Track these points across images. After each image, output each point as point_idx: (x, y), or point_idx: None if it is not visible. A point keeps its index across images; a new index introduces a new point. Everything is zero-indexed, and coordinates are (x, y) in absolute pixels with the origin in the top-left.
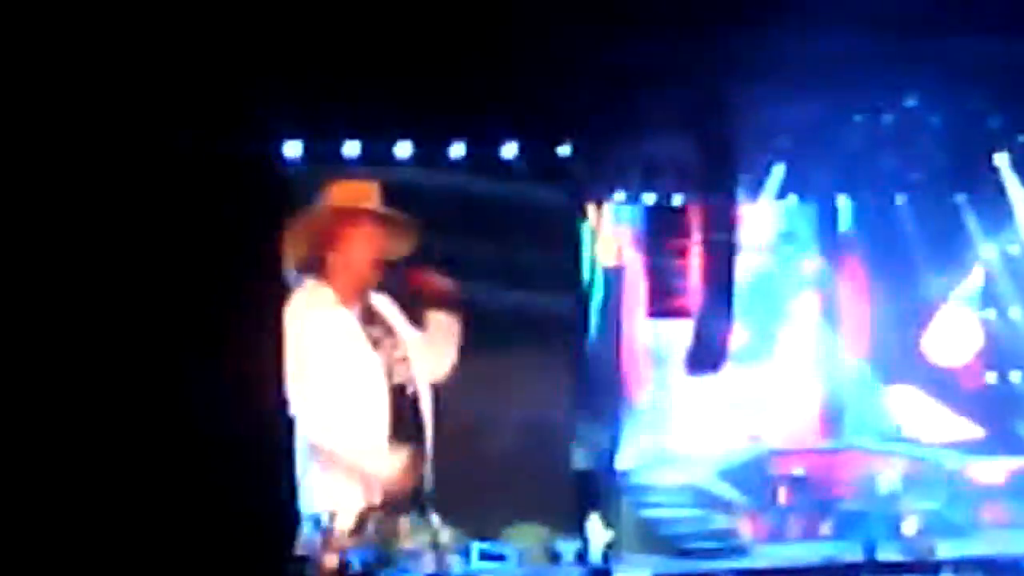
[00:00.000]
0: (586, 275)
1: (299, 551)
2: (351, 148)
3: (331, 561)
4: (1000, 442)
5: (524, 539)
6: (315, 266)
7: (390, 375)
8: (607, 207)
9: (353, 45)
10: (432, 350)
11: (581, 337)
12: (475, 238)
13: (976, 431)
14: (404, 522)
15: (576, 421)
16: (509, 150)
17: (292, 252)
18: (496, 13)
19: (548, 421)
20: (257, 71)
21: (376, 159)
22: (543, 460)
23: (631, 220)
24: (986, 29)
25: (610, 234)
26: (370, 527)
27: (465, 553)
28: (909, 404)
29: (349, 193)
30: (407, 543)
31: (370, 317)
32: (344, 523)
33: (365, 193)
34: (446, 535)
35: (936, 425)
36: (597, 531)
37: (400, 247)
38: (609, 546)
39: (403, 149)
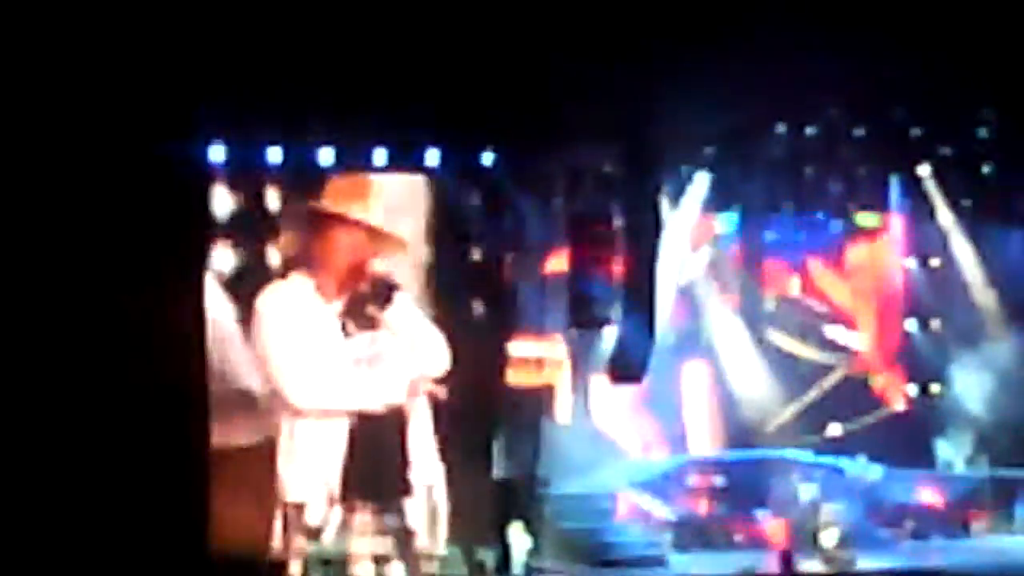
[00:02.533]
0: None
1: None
2: (274, 154)
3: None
4: (920, 456)
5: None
6: (302, 260)
7: (358, 369)
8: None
9: (279, 52)
10: (420, 347)
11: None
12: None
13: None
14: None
15: (498, 431)
16: (432, 157)
17: (281, 244)
18: (421, 20)
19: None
20: (186, 76)
21: (300, 165)
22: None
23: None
24: (908, 43)
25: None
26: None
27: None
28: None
29: (343, 194)
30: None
31: (352, 310)
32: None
33: (359, 193)
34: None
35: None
36: (518, 539)
37: (387, 254)
38: (530, 554)
39: (326, 155)
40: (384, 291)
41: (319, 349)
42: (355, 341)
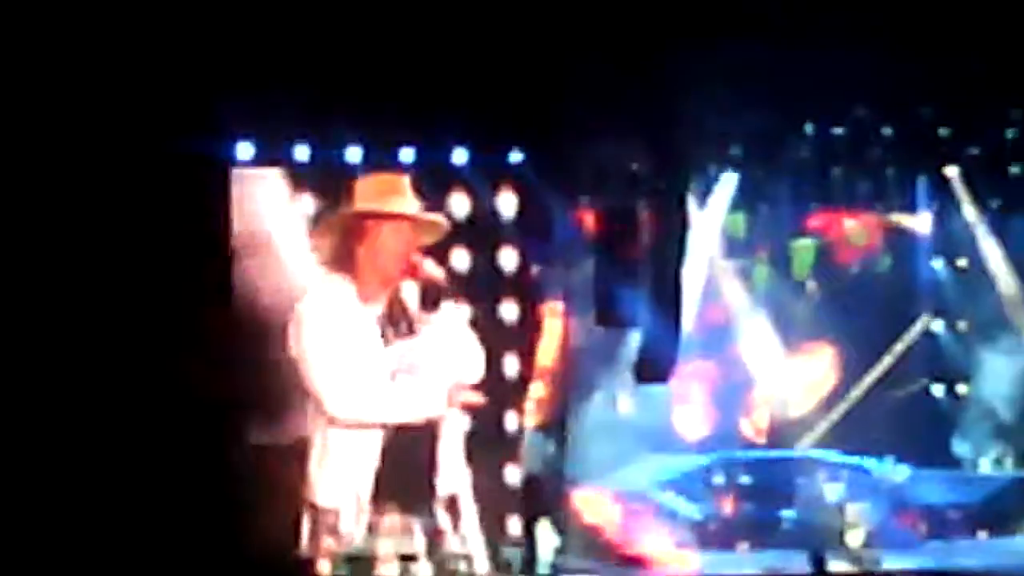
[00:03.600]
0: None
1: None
2: (301, 152)
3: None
4: (946, 456)
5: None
6: (342, 263)
7: (397, 380)
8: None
9: (307, 50)
10: (460, 355)
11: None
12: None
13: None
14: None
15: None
16: (459, 156)
17: (320, 249)
18: (449, 19)
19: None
20: (214, 74)
21: (327, 163)
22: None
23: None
24: (936, 43)
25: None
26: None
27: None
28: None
29: (378, 190)
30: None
31: (393, 315)
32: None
33: (394, 188)
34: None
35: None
36: (545, 537)
37: (427, 241)
38: (558, 552)
39: (354, 154)
40: (434, 295)
41: (359, 358)
42: (394, 349)
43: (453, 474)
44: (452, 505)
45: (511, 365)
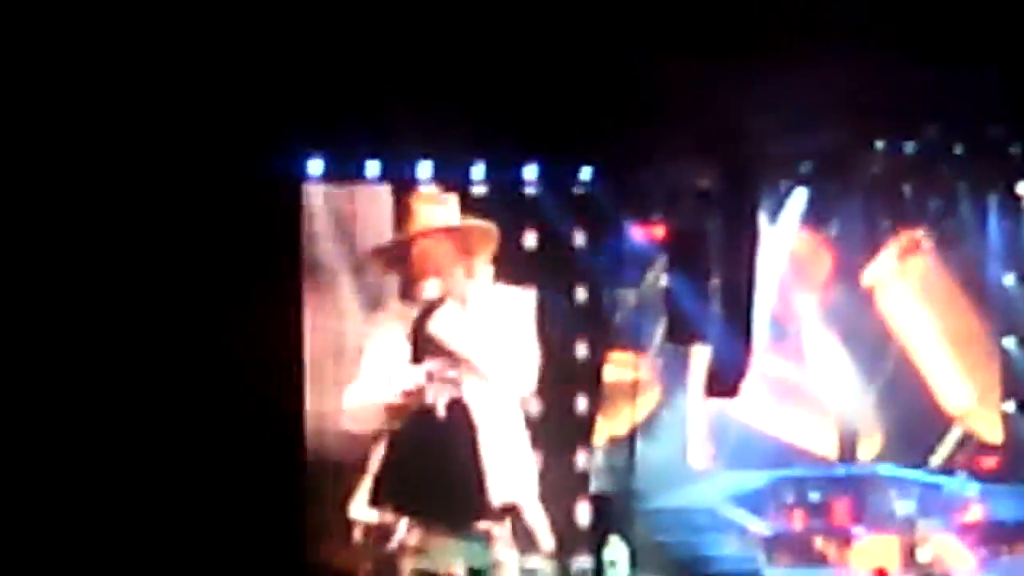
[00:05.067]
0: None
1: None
2: (372, 167)
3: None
4: (1018, 473)
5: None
6: (403, 289)
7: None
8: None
9: (377, 65)
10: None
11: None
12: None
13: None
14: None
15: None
16: (530, 171)
17: (376, 275)
18: (517, 32)
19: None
20: (282, 92)
21: (396, 178)
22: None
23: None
24: (1008, 60)
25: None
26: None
27: None
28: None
29: (420, 213)
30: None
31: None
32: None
33: (436, 201)
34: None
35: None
36: (618, 552)
37: (480, 250)
38: (632, 564)
39: (424, 169)
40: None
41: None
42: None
43: (514, 485)
44: (516, 518)
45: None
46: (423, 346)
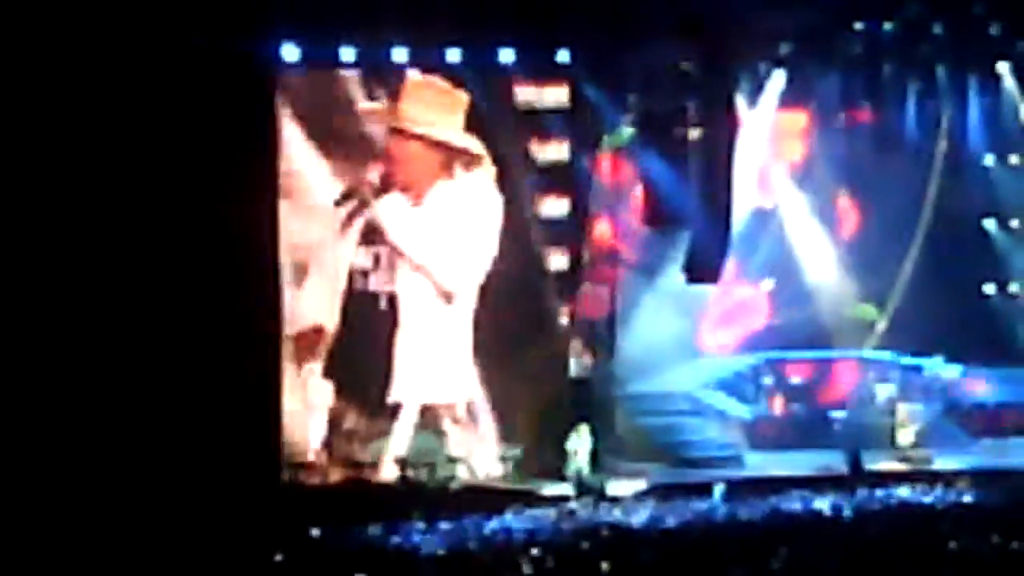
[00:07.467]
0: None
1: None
2: (347, 53)
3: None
4: (997, 355)
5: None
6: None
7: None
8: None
9: None
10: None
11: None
12: None
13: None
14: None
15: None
16: (506, 56)
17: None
18: None
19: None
20: None
21: (373, 64)
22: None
23: (627, 129)
24: None
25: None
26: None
27: None
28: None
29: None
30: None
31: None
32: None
33: (443, 105)
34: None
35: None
36: (581, 442)
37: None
38: (593, 456)
39: (400, 55)
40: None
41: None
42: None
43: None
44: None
45: (558, 260)
46: (367, 232)
